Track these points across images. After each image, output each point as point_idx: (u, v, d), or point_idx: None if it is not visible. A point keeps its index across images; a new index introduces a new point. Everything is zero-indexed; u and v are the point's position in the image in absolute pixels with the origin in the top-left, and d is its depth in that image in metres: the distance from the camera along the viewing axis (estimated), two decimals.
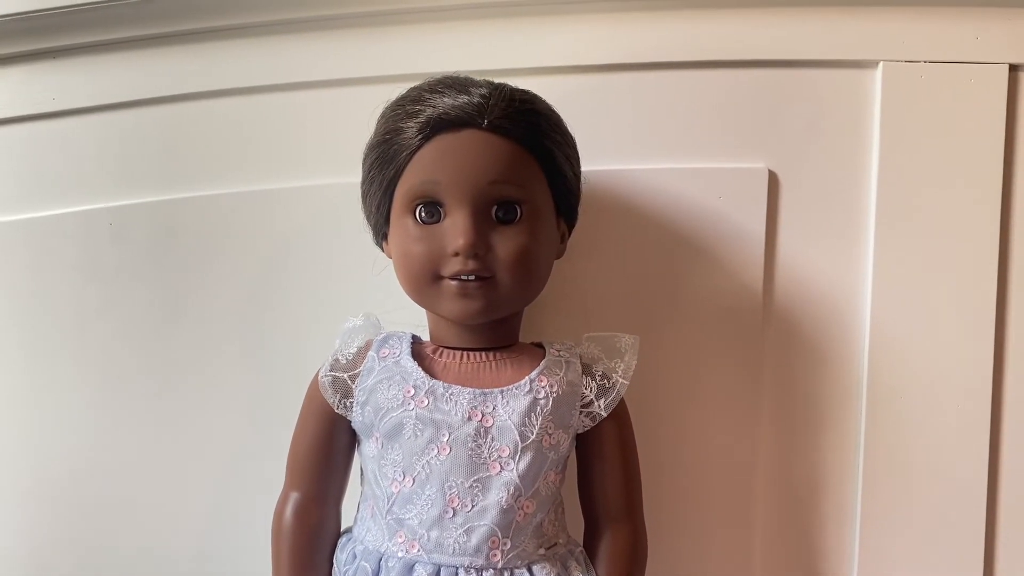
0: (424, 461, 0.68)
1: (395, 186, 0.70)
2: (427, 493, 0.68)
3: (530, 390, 0.70)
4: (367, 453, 0.72)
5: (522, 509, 0.68)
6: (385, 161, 0.69)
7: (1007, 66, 0.82)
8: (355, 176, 0.74)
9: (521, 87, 0.70)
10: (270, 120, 0.87)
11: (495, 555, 0.68)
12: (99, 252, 0.89)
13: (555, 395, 0.70)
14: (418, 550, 0.68)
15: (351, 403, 0.72)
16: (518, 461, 0.68)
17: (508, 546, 0.68)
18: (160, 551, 0.90)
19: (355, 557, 0.71)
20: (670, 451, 0.85)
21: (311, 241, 0.87)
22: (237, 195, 0.88)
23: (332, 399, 0.72)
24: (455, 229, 0.67)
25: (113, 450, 0.90)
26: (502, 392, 0.69)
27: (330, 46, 0.85)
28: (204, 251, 0.88)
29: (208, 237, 0.88)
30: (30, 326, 0.90)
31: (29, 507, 0.91)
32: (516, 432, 0.68)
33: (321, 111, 0.86)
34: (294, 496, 0.74)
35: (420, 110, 0.68)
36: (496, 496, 0.68)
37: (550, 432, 0.70)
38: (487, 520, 0.67)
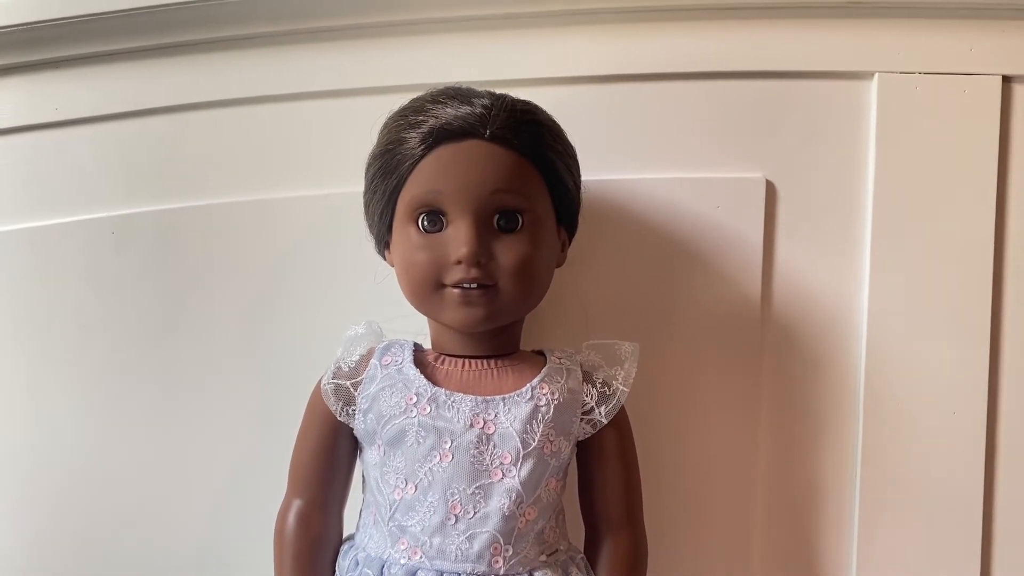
0: (426, 468, 0.69)
1: (398, 196, 0.70)
2: (429, 500, 0.69)
3: (531, 397, 0.70)
4: (369, 460, 0.73)
5: (524, 516, 0.69)
6: (388, 171, 0.70)
7: (1000, 77, 0.83)
8: (357, 186, 0.74)
9: (522, 98, 0.71)
10: (272, 130, 0.88)
11: (497, 562, 0.68)
12: (102, 261, 0.89)
13: (556, 402, 0.70)
14: (420, 557, 0.68)
15: (353, 410, 0.72)
16: (520, 468, 0.69)
17: (510, 552, 0.68)
18: (162, 558, 0.90)
19: (357, 564, 0.71)
20: (670, 458, 0.86)
21: (313, 250, 0.87)
22: (239, 204, 0.88)
23: (335, 406, 0.72)
24: (458, 238, 0.68)
25: (115, 457, 0.90)
26: (504, 399, 0.70)
27: (332, 57, 0.86)
28: (206, 260, 0.88)
29: (210, 246, 0.88)
30: (34, 334, 0.90)
31: (31, 514, 0.91)
32: (518, 439, 0.69)
33: (323, 121, 0.87)
34: (296, 503, 0.74)
35: (423, 120, 0.68)
36: (498, 503, 0.68)
37: (551, 439, 0.70)
38: (489, 527, 0.68)
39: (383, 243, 0.75)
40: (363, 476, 0.75)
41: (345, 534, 0.76)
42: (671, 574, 0.84)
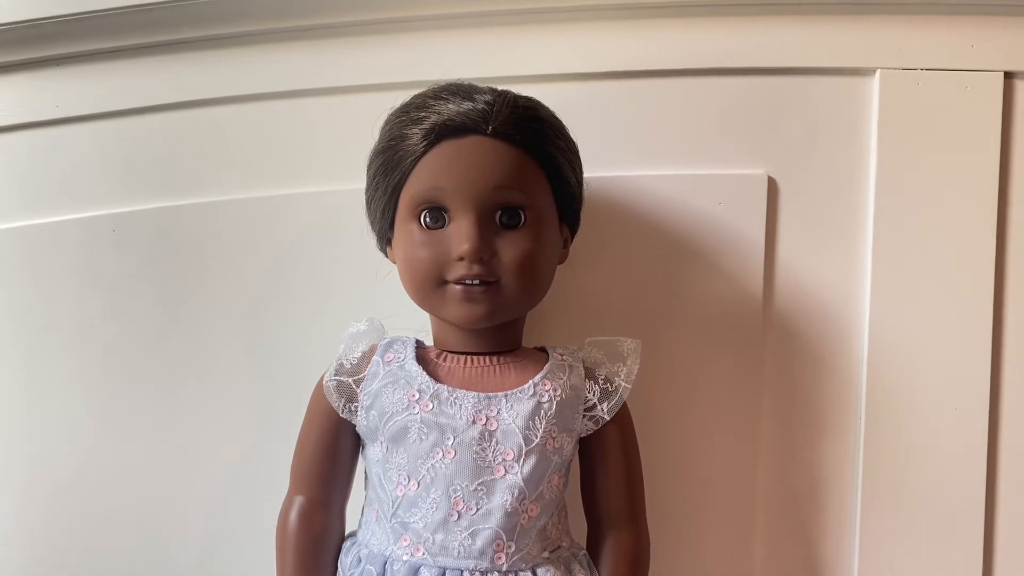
0: (429, 465, 0.69)
1: (400, 192, 0.70)
2: (432, 496, 0.68)
3: (534, 394, 0.70)
4: (371, 457, 0.73)
5: (526, 512, 0.69)
6: (390, 167, 0.70)
7: (1002, 73, 0.84)
8: (358, 183, 0.74)
9: (524, 94, 0.71)
10: (273, 127, 0.88)
11: (500, 558, 0.68)
12: (102, 258, 0.89)
13: (559, 399, 0.70)
14: (423, 553, 0.68)
15: (356, 407, 0.72)
16: (522, 464, 0.69)
17: (512, 549, 0.68)
18: (163, 556, 0.90)
19: (360, 561, 0.71)
20: (672, 454, 0.86)
21: (314, 247, 0.87)
22: (240, 201, 0.88)
23: (337, 403, 0.72)
24: (460, 234, 0.68)
25: (116, 455, 0.90)
26: (506, 396, 0.70)
27: (333, 54, 0.86)
28: (207, 257, 0.88)
29: (211, 243, 0.88)
30: (33, 332, 0.90)
31: (30, 513, 0.91)
32: (520, 436, 0.69)
33: (324, 118, 0.87)
34: (299, 500, 0.74)
35: (425, 116, 0.68)
36: (500, 499, 0.68)
37: (554, 436, 0.70)
38: (492, 523, 0.68)
39: (385, 240, 0.75)
40: (365, 473, 0.75)
41: (347, 531, 0.76)
42: (673, 570, 0.84)
